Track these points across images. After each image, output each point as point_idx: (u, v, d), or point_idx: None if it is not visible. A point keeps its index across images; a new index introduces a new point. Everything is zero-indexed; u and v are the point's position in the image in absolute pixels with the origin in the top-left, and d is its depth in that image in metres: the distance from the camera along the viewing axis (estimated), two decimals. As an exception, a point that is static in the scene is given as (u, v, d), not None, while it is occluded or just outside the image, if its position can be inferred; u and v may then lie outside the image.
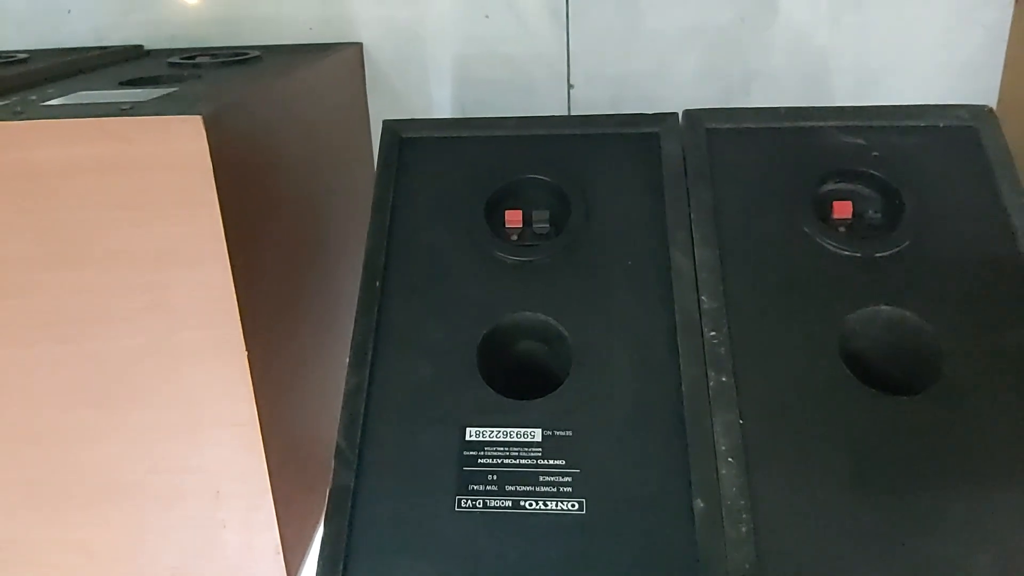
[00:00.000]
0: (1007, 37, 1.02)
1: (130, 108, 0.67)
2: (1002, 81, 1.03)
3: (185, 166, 0.64)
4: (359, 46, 1.10)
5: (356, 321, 0.64)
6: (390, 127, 0.75)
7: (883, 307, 0.60)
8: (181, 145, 0.63)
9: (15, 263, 0.68)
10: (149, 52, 1.13)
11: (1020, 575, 0.50)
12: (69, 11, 1.13)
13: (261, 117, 0.77)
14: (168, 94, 0.75)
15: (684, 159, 0.69)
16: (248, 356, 0.69)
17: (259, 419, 0.71)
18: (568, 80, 1.09)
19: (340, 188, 1.01)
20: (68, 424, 0.73)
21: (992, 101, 0.97)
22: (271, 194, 0.77)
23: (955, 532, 0.51)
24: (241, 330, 0.68)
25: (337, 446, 0.59)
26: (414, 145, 0.74)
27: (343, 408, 0.60)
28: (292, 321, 0.82)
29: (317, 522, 0.85)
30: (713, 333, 0.59)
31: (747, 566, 0.51)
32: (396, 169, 0.72)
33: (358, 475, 0.58)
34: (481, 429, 0.59)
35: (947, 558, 0.51)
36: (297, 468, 0.80)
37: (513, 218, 0.69)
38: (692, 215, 0.66)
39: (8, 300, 0.69)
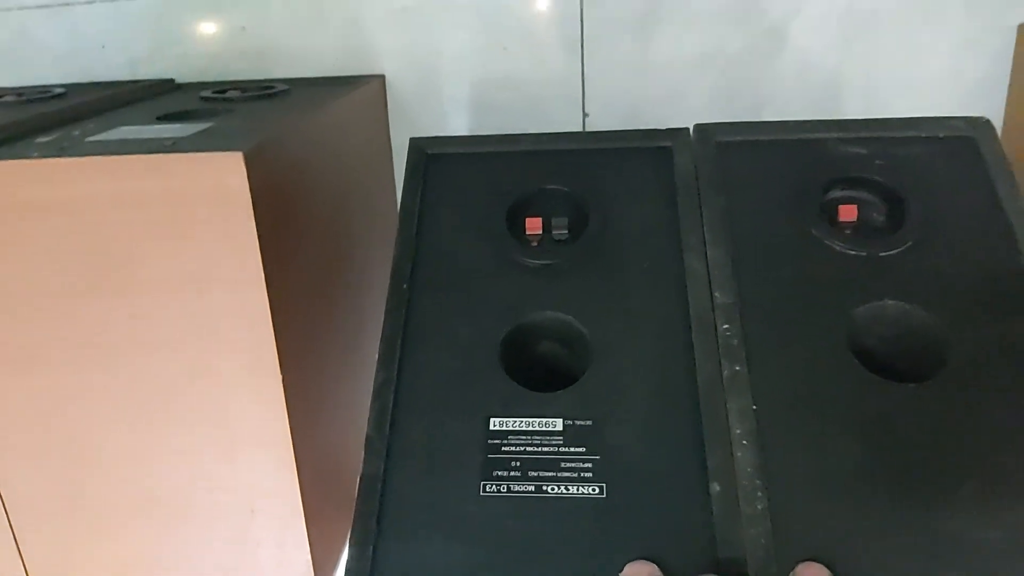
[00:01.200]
0: (1011, 64, 1.05)
1: (172, 144, 0.71)
2: (1006, 107, 1.07)
3: (226, 199, 0.68)
4: (382, 78, 1.14)
5: (385, 320, 0.67)
6: (416, 144, 0.78)
7: (888, 301, 0.63)
8: (222, 180, 0.67)
9: (61, 291, 0.72)
10: (180, 86, 1.18)
11: None
12: (103, 46, 1.18)
13: (295, 150, 0.81)
14: (206, 129, 0.79)
15: (696, 170, 0.72)
16: (283, 379, 0.72)
17: (292, 440, 0.74)
18: (583, 108, 1.13)
19: (365, 214, 1.05)
20: (109, 444, 0.76)
21: (997, 125, 1.00)
22: (303, 224, 0.81)
23: (964, 509, 0.53)
24: (276, 354, 0.72)
25: (367, 436, 0.61)
26: (439, 160, 0.78)
27: (373, 400, 0.63)
28: (323, 345, 0.85)
29: (345, 540, 0.87)
30: (727, 326, 0.62)
31: (763, 541, 0.53)
32: (422, 183, 0.76)
33: (387, 463, 0.60)
34: (504, 419, 0.61)
35: (957, 533, 0.52)
36: (327, 488, 0.83)
37: (533, 225, 0.72)
38: (704, 220, 0.69)
39: (55, 325, 0.73)
